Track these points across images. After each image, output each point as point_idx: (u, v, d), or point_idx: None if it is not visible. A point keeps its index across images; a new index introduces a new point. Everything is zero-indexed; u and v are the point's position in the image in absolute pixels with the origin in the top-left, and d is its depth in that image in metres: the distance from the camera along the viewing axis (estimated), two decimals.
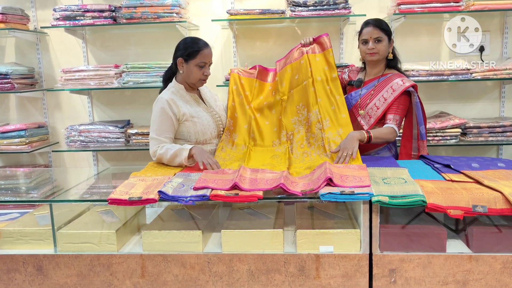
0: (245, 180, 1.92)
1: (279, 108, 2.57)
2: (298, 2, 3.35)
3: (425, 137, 2.53)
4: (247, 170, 2.05)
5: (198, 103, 2.49)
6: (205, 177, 1.98)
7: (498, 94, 3.61)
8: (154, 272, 1.84)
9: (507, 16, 3.48)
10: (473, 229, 1.79)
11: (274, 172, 2.05)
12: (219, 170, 2.12)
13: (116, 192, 1.87)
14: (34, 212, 2.19)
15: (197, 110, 2.45)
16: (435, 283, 1.76)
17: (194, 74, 2.39)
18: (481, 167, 2.10)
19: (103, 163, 3.94)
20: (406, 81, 2.45)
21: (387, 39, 2.48)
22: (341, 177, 1.89)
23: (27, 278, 1.89)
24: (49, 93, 3.86)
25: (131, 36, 3.75)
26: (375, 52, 2.47)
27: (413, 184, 1.82)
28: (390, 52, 2.52)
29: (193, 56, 2.36)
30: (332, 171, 1.93)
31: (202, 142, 2.46)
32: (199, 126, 2.42)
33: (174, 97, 2.39)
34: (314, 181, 1.88)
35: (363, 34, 2.49)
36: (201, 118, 2.43)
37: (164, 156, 2.27)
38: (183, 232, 1.87)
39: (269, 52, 3.69)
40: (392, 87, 2.44)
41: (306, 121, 2.48)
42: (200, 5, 3.71)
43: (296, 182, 1.93)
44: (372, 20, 2.50)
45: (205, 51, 2.37)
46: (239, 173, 1.96)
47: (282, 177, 1.88)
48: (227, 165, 2.23)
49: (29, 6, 3.75)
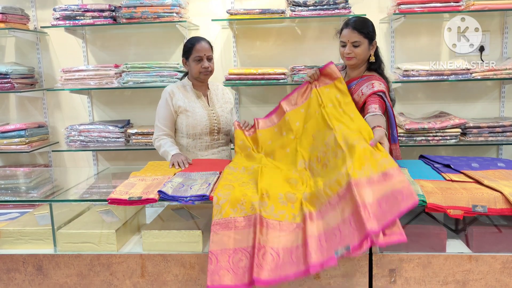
0: (262, 261, 1.62)
1: (294, 145, 2.31)
2: (298, 2, 3.35)
3: (397, 141, 2.37)
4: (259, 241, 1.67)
5: (198, 99, 2.60)
6: (217, 264, 1.68)
7: (498, 94, 3.61)
8: (154, 272, 1.84)
9: (507, 16, 3.48)
10: (473, 229, 1.79)
11: (286, 227, 1.73)
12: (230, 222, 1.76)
13: (116, 192, 1.87)
14: (34, 212, 2.19)
15: (194, 105, 2.57)
16: (435, 283, 1.76)
17: (193, 69, 2.54)
18: (481, 167, 2.10)
19: (103, 163, 3.94)
20: (377, 85, 2.26)
21: (367, 42, 2.30)
22: (373, 205, 1.59)
23: (27, 278, 1.89)
24: (49, 93, 3.85)
25: (131, 36, 3.75)
26: (352, 57, 2.31)
27: (413, 184, 1.82)
28: (372, 55, 2.36)
29: (190, 53, 2.54)
30: (359, 202, 1.59)
31: (193, 136, 2.57)
32: (190, 120, 2.55)
33: (176, 90, 2.59)
34: (342, 236, 1.59)
35: (342, 36, 2.34)
36: (194, 112, 2.56)
37: (158, 150, 2.58)
38: (183, 232, 1.87)
39: (269, 52, 3.69)
40: (362, 91, 2.29)
41: (323, 144, 2.14)
42: (200, 5, 3.70)
43: (315, 236, 1.65)
44: (352, 22, 2.32)
45: (198, 46, 2.52)
46: (254, 248, 1.64)
47: (298, 244, 1.64)
48: (236, 184, 1.90)
49: (29, 6, 3.75)
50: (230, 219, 1.74)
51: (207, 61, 2.54)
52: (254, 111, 3.76)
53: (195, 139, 2.59)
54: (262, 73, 3.40)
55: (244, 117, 3.78)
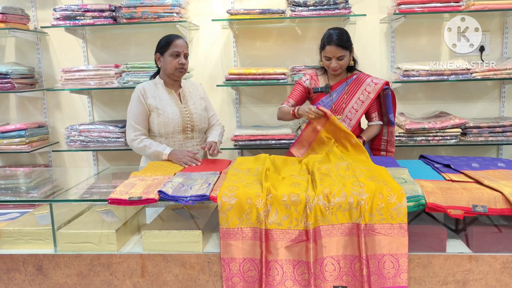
0: (269, 276, 1.73)
1: (299, 162, 2.28)
2: (298, 2, 3.35)
3: (394, 124, 2.70)
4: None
5: (169, 96, 2.57)
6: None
7: (498, 94, 3.61)
8: (154, 272, 1.84)
9: (507, 16, 3.48)
10: (473, 229, 1.78)
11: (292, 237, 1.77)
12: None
13: (116, 192, 1.87)
14: (34, 212, 2.19)
15: (164, 103, 2.54)
16: (435, 283, 1.76)
17: (169, 64, 2.52)
18: (481, 167, 2.10)
19: (103, 163, 3.94)
20: (376, 80, 2.62)
21: (348, 53, 2.57)
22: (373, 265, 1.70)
23: (27, 278, 1.89)
24: (49, 93, 3.86)
25: (131, 36, 3.75)
26: (338, 69, 2.59)
27: (413, 184, 1.82)
28: (351, 60, 2.63)
29: (166, 48, 2.52)
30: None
31: (165, 135, 2.54)
32: (161, 118, 2.51)
33: (147, 88, 2.55)
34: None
35: (326, 52, 2.55)
36: (166, 111, 2.52)
37: (141, 151, 2.53)
38: (183, 232, 1.87)
39: (269, 52, 3.69)
40: (366, 90, 2.61)
41: (331, 163, 2.15)
42: (200, 5, 3.70)
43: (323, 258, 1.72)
44: (336, 39, 2.51)
45: (176, 41, 2.53)
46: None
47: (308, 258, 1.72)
48: (240, 185, 1.88)
49: (29, 6, 3.75)
50: (237, 230, 1.77)
51: (184, 58, 2.53)
52: (254, 111, 3.76)
53: (167, 138, 2.55)
54: (262, 73, 3.40)
55: (244, 117, 3.79)
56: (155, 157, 2.46)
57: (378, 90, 2.59)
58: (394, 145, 2.73)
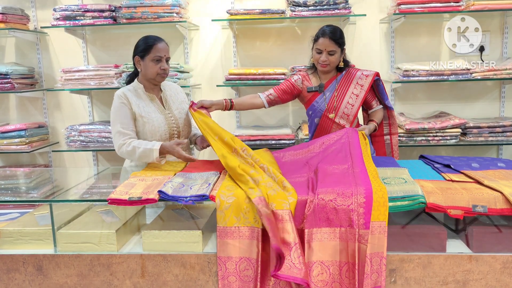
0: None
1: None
2: (298, 2, 3.35)
3: (393, 108, 2.79)
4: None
5: (152, 103, 2.43)
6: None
7: (498, 94, 3.61)
8: (154, 272, 1.84)
9: (507, 16, 3.48)
10: (473, 229, 1.78)
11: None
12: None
13: (116, 192, 1.87)
14: (34, 212, 2.19)
15: (149, 110, 2.39)
16: (435, 283, 1.76)
17: (150, 69, 2.36)
18: (481, 167, 2.10)
19: (103, 163, 3.94)
20: (366, 72, 2.65)
21: (339, 51, 2.58)
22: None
23: (27, 278, 1.89)
24: (49, 93, 3.85)
25: (131, 36, 3.75)
26: (327, 64, 2.59)
27: (413, 184, 1.83)
28: (341, 61, 2.64)
29: (148, 52, 2.35)
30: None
31: None
32: (148, 127, 2.37)
33: (128, 93, 2.38)
34: None
35: (319, 44, 2.57)
36: (151, 118, 2.38)
37: (131, 155, 2.30)
38: (183, 232, 1.87)
39: (269, 52, 3.69)
40: (359, 83, 2.64)
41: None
42: (200, 5, 3.70)
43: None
44: (329, 31, 2.54)
45: (158, 45, 2.36)
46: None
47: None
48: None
49: (29, 6, 3.75)
50: (235, 229, 1.77)
51: (166, 62, 2.39)
52: (254, 111, 3.76)
53: None
54: (262, 73, 3.40)
55: (244, 118, 3.79)
56: (145, 156, 2.27)
57: (370, 81, 2.62)
58: (397, 127, 2.82)
